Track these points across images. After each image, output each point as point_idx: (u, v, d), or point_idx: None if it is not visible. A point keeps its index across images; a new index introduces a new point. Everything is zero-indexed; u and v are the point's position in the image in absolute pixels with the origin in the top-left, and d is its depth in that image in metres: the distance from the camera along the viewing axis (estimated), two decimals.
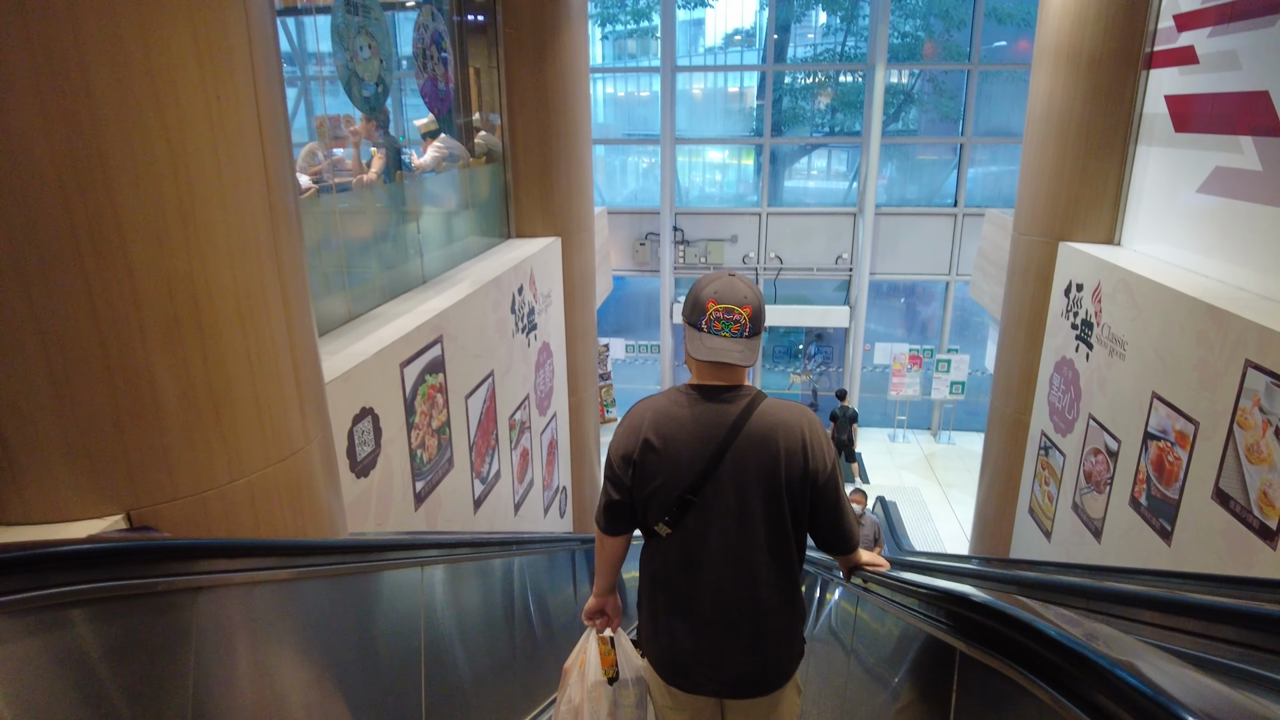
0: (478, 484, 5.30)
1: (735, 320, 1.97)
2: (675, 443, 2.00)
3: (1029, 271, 7.26)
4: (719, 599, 2.04)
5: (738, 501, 1.99)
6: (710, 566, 2.03)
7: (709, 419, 2.00)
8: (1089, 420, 6.22)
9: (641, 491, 2.06)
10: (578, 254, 7.59)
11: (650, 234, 13.65)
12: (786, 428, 1.99)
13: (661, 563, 2.11)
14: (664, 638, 2.14)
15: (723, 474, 1.98)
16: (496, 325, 5.62)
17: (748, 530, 2.01)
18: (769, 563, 2.03)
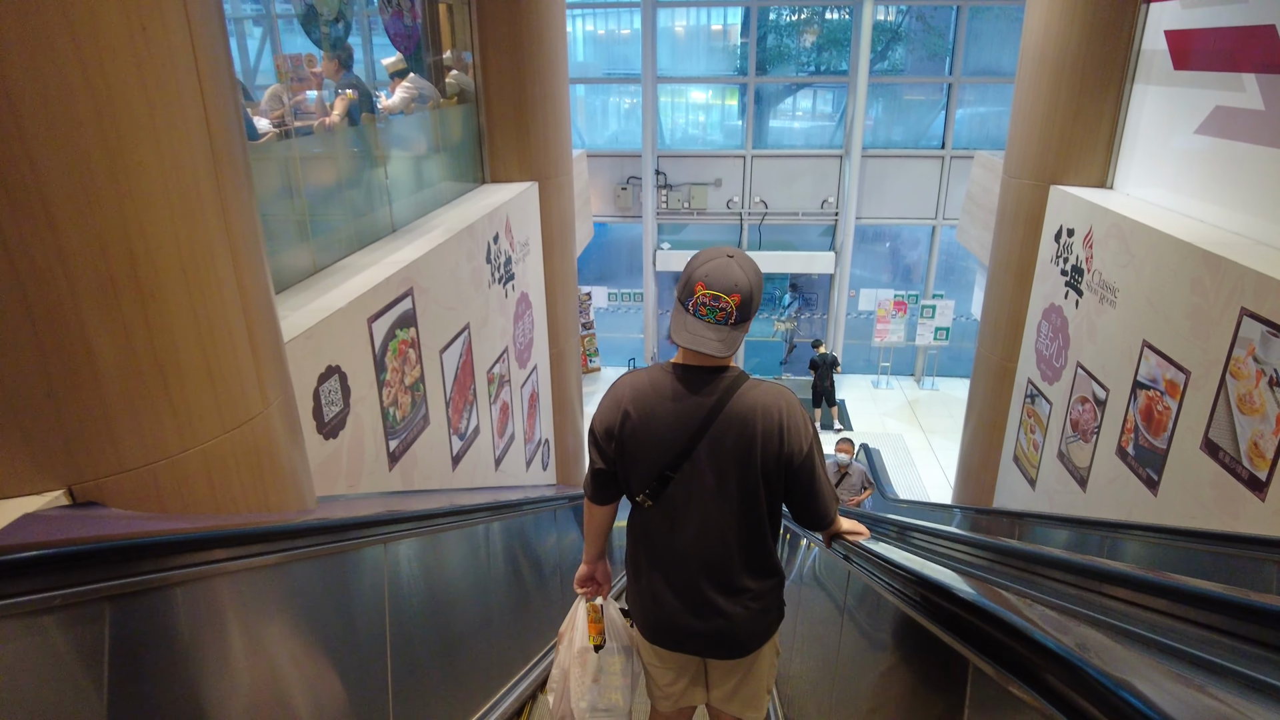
0: (455, 440, 5.17)
1: (721, 308, 1.94)
2: (655, 420, 2.04)
3: (1018, 216, 7.10)
4: (697, 568, 2.12)
5: (715, 479, 2.05)
6: (689, 537, 2.10)
7: (690, 399, 2.03)
8: (1077, 368, 6.14)
9: (623, 465, 2.12)
10: (556, 199, 7.34)
11: (632, 178, 13.32)
12: (765, 410, 2.01)
13: (644, 530, 2.19)
14: (648, 599, 2.22)
15: (700, 453, 2.03)
16: (471, 276, 5.41)
17: (724, 506, 2.07)
18: (744, 536, 2.10)
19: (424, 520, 2.67)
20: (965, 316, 14.14)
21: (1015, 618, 1.21)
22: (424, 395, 4.64)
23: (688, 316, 1.98)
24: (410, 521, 2.54)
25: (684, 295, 1.99)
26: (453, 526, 3.00)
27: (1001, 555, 2.39)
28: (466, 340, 5.32)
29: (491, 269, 5.86)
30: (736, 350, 1.99)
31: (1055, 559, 2.00)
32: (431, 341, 4.75)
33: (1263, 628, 1.26)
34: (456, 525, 3.04)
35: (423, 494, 4.47)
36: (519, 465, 6.76)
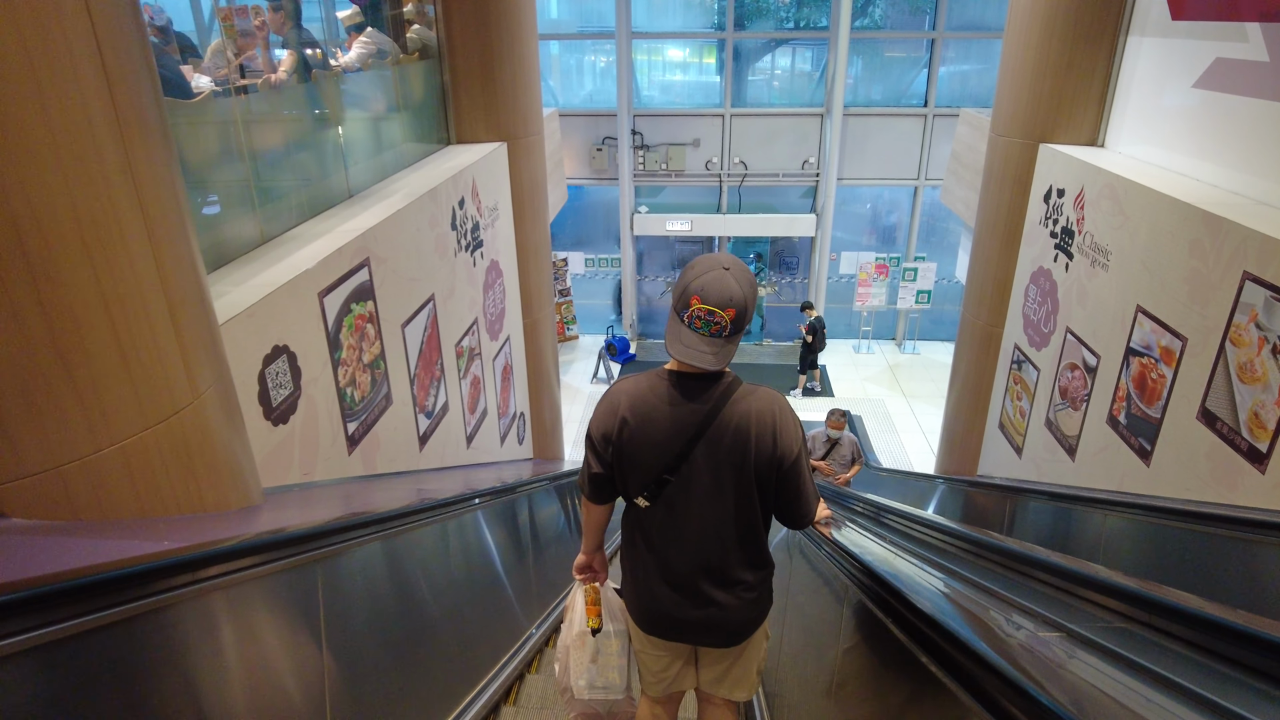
0: (422, 419, 4.90)
1: (716, 322, 1.97)
2: (653, 427, 2.08)
3: (1006, 175, 6.86)
4: (692, 563, 2.18)
5: (712, 480, 2.10)
6: (685, 535, 2.17)
7: (686, 405, 2.07)
8: (1066, 334, 5.97)
9: (621, 468, 2.16)
10: (526, 160, 6.99)
11: (607, 138, 12.91)
12: (759, 415, 2.07)
13: (641, 528, 2.24)
14: (643, 592, 2.28)
15: (697, 457, 2.08)
16: (435, 244, 5.10)
17: (720, 505, 2.13)
18: (739, 532, 2.17)
19: (367, 529, 2.41)
20: (947, 279, 13.97)
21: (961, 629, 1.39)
22: (385, 373, 4.36)
23: (683, 328, 2.01)
24: (350, 532, 2.26)
25: (680, 306, 2.01)
26: (406, 529, 2.75)
27: (975, 547, 2.44)
28: (431, 313, 5.02)
29: (457, 236, 5.54)
30: (729, 362, 2.04)
31: (1036, 559, 2.03)
32: (392, 315, 4.45)
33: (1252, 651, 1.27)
34: (409, 528, 2.79)
35: (385, 478, 4.22)
36: (492, 441, 6.52)
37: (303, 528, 2.04)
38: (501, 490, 3.89)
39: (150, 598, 1.50)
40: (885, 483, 7.93)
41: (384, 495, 3.87)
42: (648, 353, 14.33)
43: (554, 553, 4.81)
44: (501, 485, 4.01)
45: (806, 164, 13.02)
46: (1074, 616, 1.79)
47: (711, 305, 1.95)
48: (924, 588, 1.98)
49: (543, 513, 4.93)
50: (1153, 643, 1.54)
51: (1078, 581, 1.96)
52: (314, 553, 2.11)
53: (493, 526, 3.93)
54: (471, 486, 5.33)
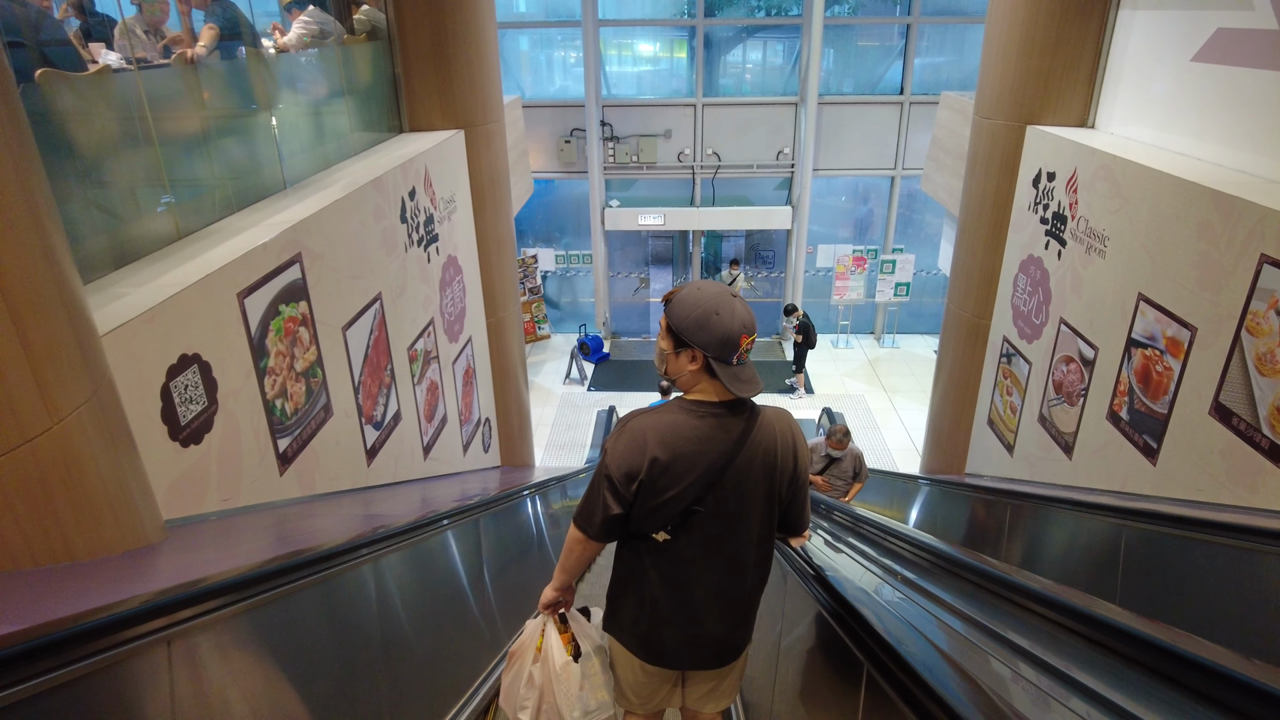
0: (370, 431, 4.46)
1: (750, 344, 2.03)
2: (685, 460, 2.03)
3: (992, 160, 6.54)
4: (711, 592, 2.17)
5: (737, 507, 2.10)
6: (705, 564, 2.14)
7: (717, 435, 2.05)
8: (1060, 325, 5.65)
9: (644, 505, 2.07)
10: (486, 149, 6.55)
11: (576, 130, 12.48)
12: (781, 436, 2.10)
13: (651, 562, 2.16)
14: (646, 627, 2.24)
15: (725, 484, 2.06)
16: (381, 238, 4.66)
17: (745, 531, 2.13)
18: (758, 553, 2.19)
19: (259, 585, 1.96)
20: (926, 271, 13.71)
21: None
22: (324, 382, 3.92)
23: (731, 368, 2.00)
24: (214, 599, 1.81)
25: (725, 353, 1.98)
26: (332, 571, 2.32)
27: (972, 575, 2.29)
28: (378, 313, 4.58)
29: (408, 229, 5.10)
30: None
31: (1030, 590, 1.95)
32: (331, 317, 4.01)
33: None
34: (338, 569, 2.36)
35: (324, 499, 3.77)
36: (454, 450, 6.08)
37: (154, 599, 1.60)
38: (457, 513, 3.47)
39: None
40: (872, 486, 7.59)
41: (321, 521, 3.43)
42: (622, 351, 13.93)
43: (517, 578, 4.40)
44: (459, 506, 3.58)
45: (781, 154, 12.68)
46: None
47: (751, 335, 2.02)
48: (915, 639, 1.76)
49: (508, 531, 4.52)
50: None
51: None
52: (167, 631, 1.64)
53: (448, 553, 3.51)
54: (428, 500, 4.91)
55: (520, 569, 4.46)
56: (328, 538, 2.89)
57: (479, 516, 3.75)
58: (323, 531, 3.29)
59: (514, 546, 4.53)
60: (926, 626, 1.89)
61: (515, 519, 4.68)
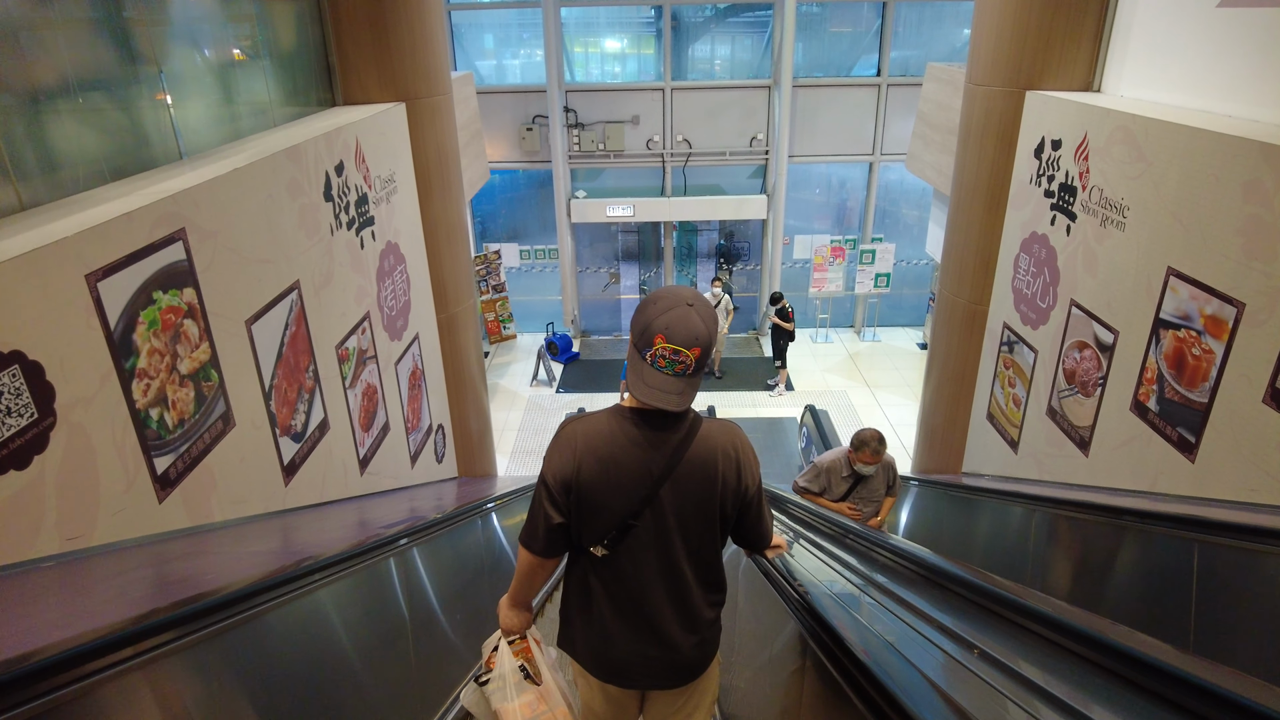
0: (287, 444, 3.78)
1: (681, 361, 1.89)
2: (616, 470, 1.97)
3: (987, 130, 6.00)
4: (654, 609, 2.09)
5: (677, 521, 2.02)
6: (645, 581, 2.07)
7: (650, 446, 1.97)
8: (1071, 308, 5.11)
9: (580, 514, 2.01)
10: (431, 124, 5.88)
11: (538, 116, 11.81)
12: (723, 451, 2.02)
13: (596, 577, 2.10)
14: (597, 642, 2.16)
15: (663, 498, 1.99)
16: (299, 216, 3.97)
17: (684, 547, 2.05)
18: (701, 570, 2.10)
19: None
20: (906, 261, 13.24)
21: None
22: (221, 386, 3.23)
23: (645, 367, 1.91)
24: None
25: (642, 345, 1.92)
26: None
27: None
28: (295, 305, 3.90)
29: (335, 209, 4.42)
30: (692, 401, 1.97)
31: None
32: (230, 308, 3.33)
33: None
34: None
35: (220, 530, 3.09)
36: (400, 462, 5.40)
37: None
38: (375, 546, 2.80)
39: None
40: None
41: (208, 561, 2.76)
42: (592, 351, 13.27)
43: (463, 622, 3.73)
44: (377, 538, 2.91)
45: (755, 141, 12.12)
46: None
47: (677, 344, 1.88)
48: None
49: (449, 564, 3.85)
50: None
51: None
52: None
53: (368, 598, 2.85)
54: (366, 524, 4.24)
55: (463, 614, 3.80)
56: (219, 580, 2.25)
57: (406, 549, 3.08)
58: (207, 575, 2.62)
59: (455, 585, 3.87)
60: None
61: (460, 546, 4.02)
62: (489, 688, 2.24)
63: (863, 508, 4.91)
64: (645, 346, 1.89)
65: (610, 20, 12.35)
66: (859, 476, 4.82)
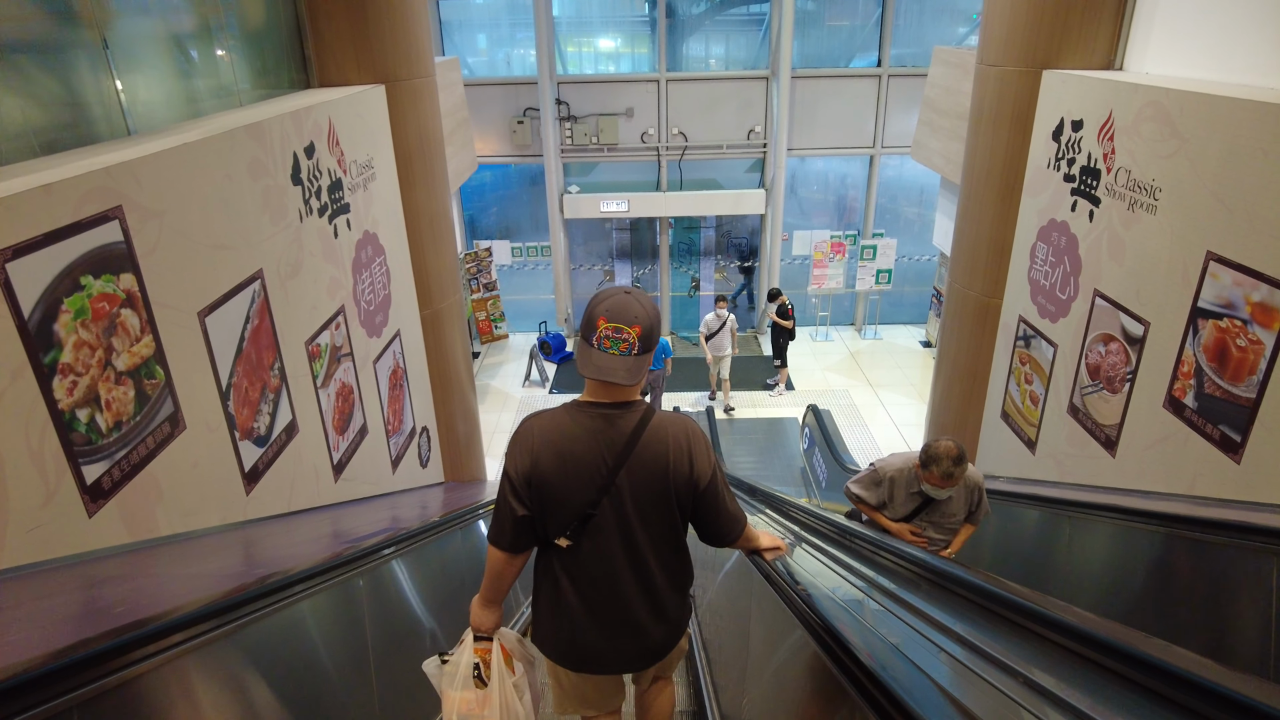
0: (249, 448, 3.43)
1: (624, 339, 1.98)
2: (572, 462, 2.02)
3: (1000, 113, 5.69)
4: (620, 597, 2.15)
5: (635, 511, 2.07)
6: (610, 570, 2.12)
7: (604, 437, 2.03)
8: (1094, 299, 4.79)
9: (541, 507, 2.06)
10: (413, 108, 5.54)
11: (529, 109, 11.47)
12: (675, 441, 2.06)
13: (561, 568, 2.15)
14: (565, 633, 2.21)
15: (620, 488, 2.04)
16: (262, 199, 3.63)
17: (643, 535, 2.09)
18: (662, 556, 2.16)
19: None
20: (908, 257, 12.93)
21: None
22: (167, 384, 2.89)
23: (593, 351, 1.99)
24: None
25: (587, 331, 2.01)
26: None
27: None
28: (258, 296, 3.56)
29: (305, 193, 4.08)
30: (642, 379, 2.04)
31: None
32: (180, 298, 2.99)
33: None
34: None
35: (165, 545, 2.74)
36: (379, 467, 5.05)
37: None
38: (336, 565, 2.46)
39: None
40: None
41: (143, 583, 2.42)
42: None
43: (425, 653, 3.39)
44: (347, 554, 2.57)
45: (753, 134, 11.80)
46: None
47: (618, 323, 1.97)
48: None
49: (424, 579, 3.51)
50: None
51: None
52: None
53: (335, 625, 2.51)
54: (340, 535, 3.90)
55: (447, 628, 3.45)
56: (157, 604, 1.93)
57: (380, 564, 2.73)
58: (143, 599, 2.28)
59: (435, 602, 3.52)
60: None
61: (442, 557, 3.68)
62: (445, 669, 2.26)
63: (930, 533, 3.80)
64: (590, 332, 1.99)
65: (603, 9, 12.03)
66: (927, 500, 3.72)
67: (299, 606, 2.26)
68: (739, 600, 3.18)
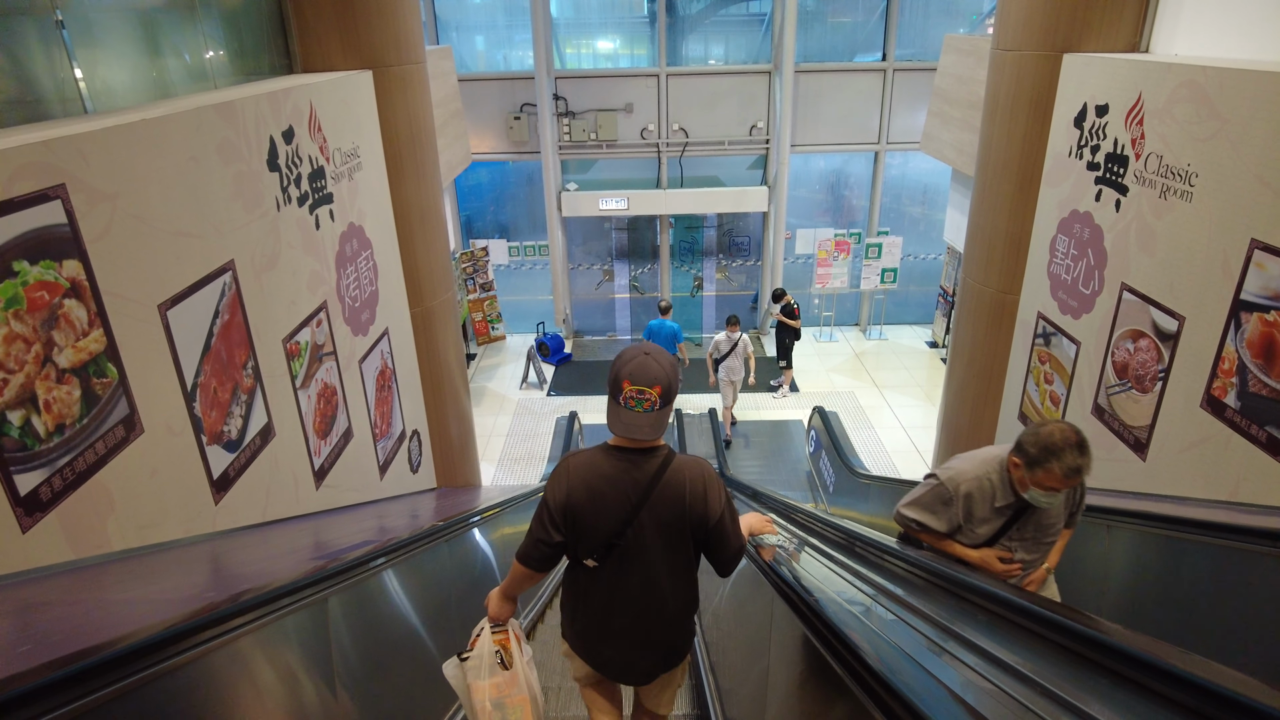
0: (219, 454, 3.16)
1: (646, 399, 2.24)
2: (602, 498, 2.30)
3: (1018, 100, 5.43)
4: (635, 615, 2.43)
5: (653, 541, 2.34)
6: (629, 591, 2.39)
7: (629, 477, 2.31)
8: (1122, 293, 4.53)
9: (573, 533, 2.34)
10: (403, 96, 5.28)
11: (526, 105, 11.21)
12: (691, 483, 2.31)
13: (586, 585, 2.44)
14: (586, 637, 2.52)
15: (642, 521, 2.32)
16: (233, 184, 3.36)
17: (660, 562, 2.37)
18: (675, 582, 2.42)
19: None
20: (913, 255, 12.67)
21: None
22: (121, 382, 2.62)
23: (621, 409, 2.27)
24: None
25: (614, 392, 2.28)
26: None
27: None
28: (229, 289, 3.29)
29: (283, 180, 3.81)
30: (664, 430, 2.30)
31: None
32: (137, 289, 2.72)
33: None
34: None
35: (116, 561, 2.47)
36: (366, 473, 4.78)
37: None
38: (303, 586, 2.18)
39: None
40: (878, 498, 6.43)
41: (73, 610, 2.14)
42: (585, 351, 12.66)
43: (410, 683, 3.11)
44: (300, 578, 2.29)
45: (755, 129, 11.54)
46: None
47: (640, 385, 2.23)
48: None
49: (432, 586, 3.23)
50: None
51: None
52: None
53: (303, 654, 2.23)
54: (322, 545, 3.63)
55: (440, 646, 3.18)
56: (102, 632, 1.66)
57: (362, 580, 2.45)
58: (83, 627, 2.01)
59: (424, 618, 3.25)
60: None
61: (433, 569, 3.40)
62: (468, 664, 2.46)
63: (1025, 554, 2.83)
64: (617, 393, 2.26)
65: (602, 2, 11.77)
66: (1024, 506, 2.74)
67: (264, 631, 1.99)
68: (754, 623, 2.91)
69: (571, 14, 11.78)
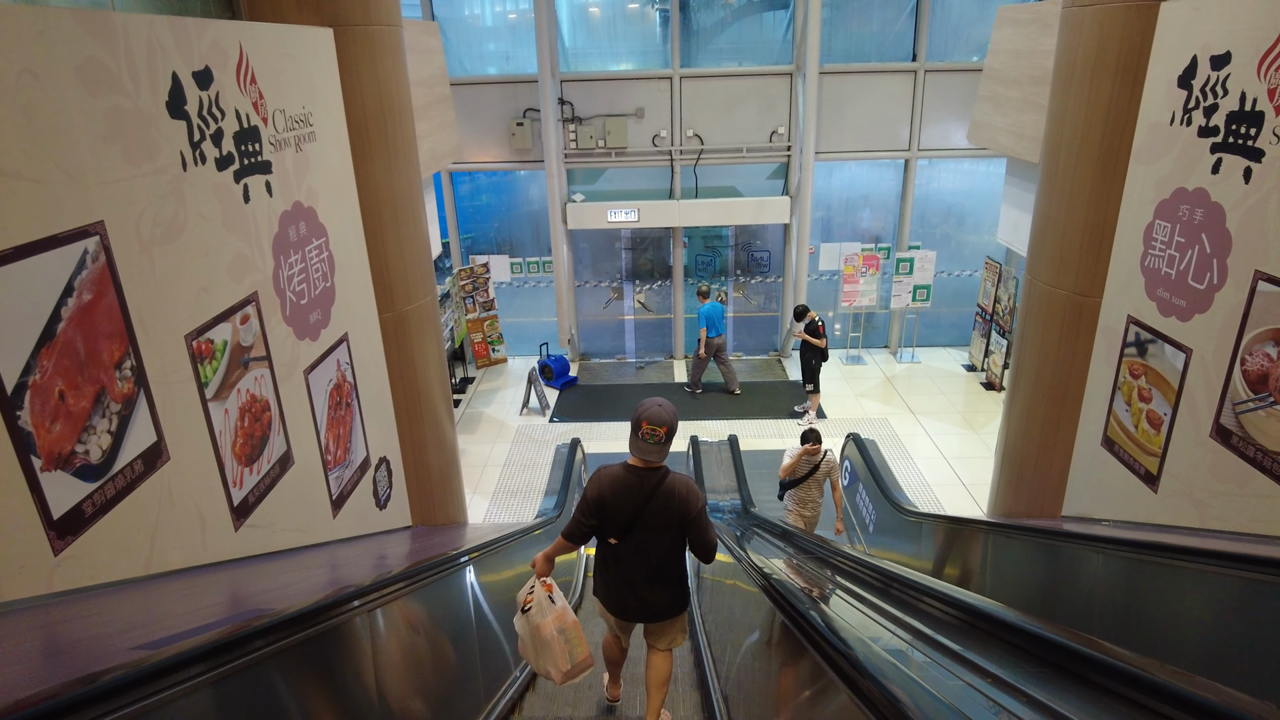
0: (63, 483, 2.28)
1: (657, 435, 3.40)
2: (620, 499, 3.46)
3: (1101, 64, 4.57)
4: (644, 574, 3.61)
5: (654, 526, 3.50)
6: (639, 561, 3.58)
7: (641, 484, 3.46)
8: (1256, 284, 3.61)
9: (603, 520, 3.51)
10: (370, 61, 4.47)
11: (529, 110, 10.48)
12: (679, 493, 3.46)
13: (612, 555, 3.62)
14: (613, 591, 3.72)
15: (645, 516, 3.48)
16: (107, 124, 2.52)
17: (659, 541, 3.55)
18: (669, 559, 3.62)
19: None
20: (946, 272, 11.77)
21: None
22: None
23: (640, 441, 3.41)
24: None
25: (636, 429, 3.42)
26: None
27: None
28: (95, 260, 2.43)
29: (193, 133, 2.97)
30: (667, 456, 3.49)
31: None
32: None
33: None
34: None
35: None
36: (312, 509, 3.88)
37: None
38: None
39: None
40: (920, 535, 5.46)
41: None
42: (592, 375, 11.78)
43: None
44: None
45: (776, 135, 10.74)
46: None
47: (654, 426, 3.38)
48: None
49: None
50: None
51: None
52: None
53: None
54: (239, 606, 2.72)
55: None
56: None
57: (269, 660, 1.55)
58: None
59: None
60: None
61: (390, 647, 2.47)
62: (530, 612, 3.42)
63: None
64: (637, 429, 3.42)
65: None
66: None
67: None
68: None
69: (579, 7, 11.08)
